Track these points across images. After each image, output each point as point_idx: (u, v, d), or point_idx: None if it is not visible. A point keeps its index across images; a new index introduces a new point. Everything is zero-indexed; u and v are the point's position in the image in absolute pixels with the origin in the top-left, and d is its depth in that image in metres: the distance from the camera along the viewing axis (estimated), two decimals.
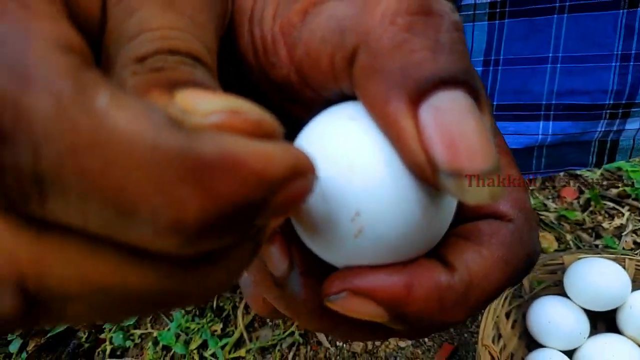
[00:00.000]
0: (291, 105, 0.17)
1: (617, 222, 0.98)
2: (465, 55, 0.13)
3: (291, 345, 0.85)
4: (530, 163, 0.52)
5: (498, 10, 0.44)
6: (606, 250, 0.77)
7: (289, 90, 0.16)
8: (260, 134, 0.10)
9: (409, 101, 0.13)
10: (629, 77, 0.43)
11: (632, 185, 1.04)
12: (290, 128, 0.13)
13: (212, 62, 0.13)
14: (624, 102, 0.45)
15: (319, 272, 0.17)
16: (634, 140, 0.48)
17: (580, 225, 0.98)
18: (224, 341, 0.86)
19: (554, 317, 0.66)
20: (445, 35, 0.13)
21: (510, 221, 0.17)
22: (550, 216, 1.00)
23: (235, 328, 0.88)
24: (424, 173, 0.13)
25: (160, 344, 0.88)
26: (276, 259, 0.17)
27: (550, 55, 0.45)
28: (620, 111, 0.45)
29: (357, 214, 0.14)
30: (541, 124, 0.48)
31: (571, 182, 1.08)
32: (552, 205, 1.03)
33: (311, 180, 0.11)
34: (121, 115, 0.08)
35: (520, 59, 0.46)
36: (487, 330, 0.63)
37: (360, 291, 0.15)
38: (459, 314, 0.15)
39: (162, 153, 0.08)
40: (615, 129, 0.47)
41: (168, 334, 0.88)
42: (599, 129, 0.47)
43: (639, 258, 0.69)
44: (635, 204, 1.00)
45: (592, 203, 1.02)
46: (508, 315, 0.70)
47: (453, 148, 0.12)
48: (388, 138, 0.14)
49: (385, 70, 0.13)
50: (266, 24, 0.16)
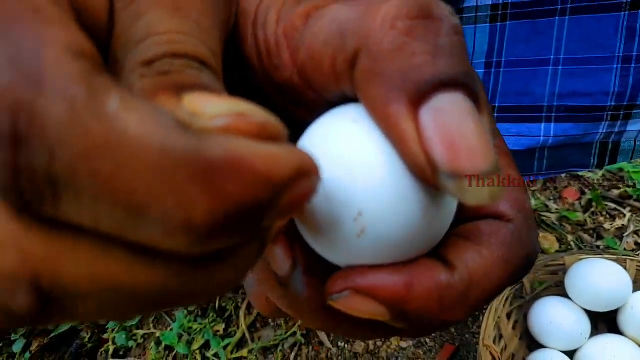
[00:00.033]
0: (294, 107, 0.17)
1: (619, 223, 0.97)
2: (464, 58, 0.13)
3: (293, 346, 0.85)
4: (532, 164, 0.52)
5: (500, 12, 0.44)
6: (607, 251, 0.77)
7: (292, 93, 0.17)
8: (265, 136, 0.11)
9: (409, 103, 0.13)
10: (631, 79, 0.43)
11: (634, 186, 1.04)
12: (293, 130, 0.14)
13: (217, 66, 0.13)
14: (625, 104, 0.45)
15: (321, 272, 0.17)
16: (635, 141, 0.48)
17: (581, 226, 0.98)
18: (227, 341, 0.86)
19: (555, 318, 0.66)
20: (445, 39, 0.13)
21: (509, 221, 0.17)
22: (552, 217, 1.00)
23: (238, 328, 0.88)
24: (425, 174, 0.13)
25: (163, 344, 0.88)
26: (280, 259, 0.17)
27: (552, 57, 0.45)
28: (621, 113, 0.45)
29: (360, 214, 0.14)
30: (543, 125, 0.48)
31: (573, 183, 1.07)
32: (554, 206, 1.03)
33: (315, 181, 0.11)
34: (131, 118, 0.09)
35: (522, 60, 0.46)
36: (489, 331, 0.63)
37: (362, 290, 0.15)
38: (459, 313, 0.16)
39: (172, 155, 0.09)
40: (616, 130, 0.47)
41: (171, 334, 0.88)
42: (601, 131, 0.47)
43: None
44: (636, 205, 1.00)
45: (594, 204, 1.02)
46: (509, 316, 0.70)
47: (453, 149, 0.12)
48: (389, 140, 0.14)
49: (386, 73, 0.13)
50: (270, 28, 0.16)
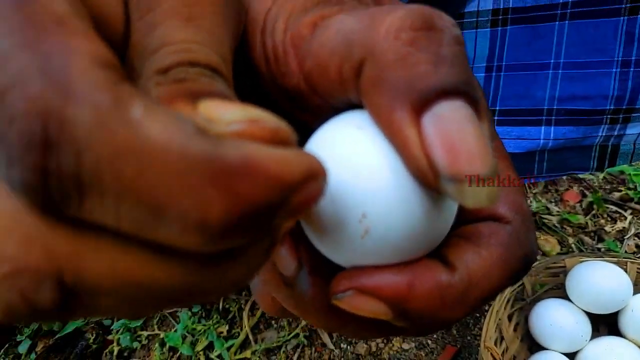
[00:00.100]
0: (301, 112, 0.18)
1: (620, 226, 0.98)
2: (465, 68, 0.14)
3: (296, 347, 0.85)
4: (532, 167, 0.52)
5: (500, 17, 0.45)
6: (608, 253, 0.77)
7: (299, 99, 0.17)
8: (277, 140, 0.11)
9: (412, 110, 0.13)
10: (629, 83, 0.44)
11: (635, 189, 1.04)
12: (299, 134, 0.14)
13: (228, 73, 0.14)
14: (624, 108, 0.45)
15: (326, 272, 0.17)
16: (634, 145, 0.48)
17: (582, 228, 0.99)
18: (230, 342, 0.86)
19: (556, 320, 0.66)
20: (447, 49, 0.14)
21: (508, 223, 0.17)
22: (553, 219, 1.00)
23: (241, 330, 0.89)
24: (426, 178, 0.13)
25: (167, 345, 0.88)
26: (286, 259, 0.18)
27: (552, 61, 0.45)
28: (620, 116, 0.46)
29: (364, 216, 0.14)
30: (543, 128, 0.48)
31: (574, 186, 1.08)
32: (555, 208, 1.03)
33: (323, 183, 0.12)
34: (154, 124, 0.09)
35: (522, 65, 0.46)
36: (490, 333, 0.63)
37: (366, 289, 0.15)
38: (459, 312, 0.16)
39: (191, 159, 0.09)
40: (616, 133, 0.47)
41: (175, 335, 0.89)
42: (600, 134, 0.48)
43: None
44: (637, 207, 1.00)
45: (595, 206, 1.02)
46: (510, 318, 0.70)
47: (453, 153, 0.12)
48: (393, 145, 0.14)
49: (390, 82, 0.14)
50: (278, 36, 0.17)
